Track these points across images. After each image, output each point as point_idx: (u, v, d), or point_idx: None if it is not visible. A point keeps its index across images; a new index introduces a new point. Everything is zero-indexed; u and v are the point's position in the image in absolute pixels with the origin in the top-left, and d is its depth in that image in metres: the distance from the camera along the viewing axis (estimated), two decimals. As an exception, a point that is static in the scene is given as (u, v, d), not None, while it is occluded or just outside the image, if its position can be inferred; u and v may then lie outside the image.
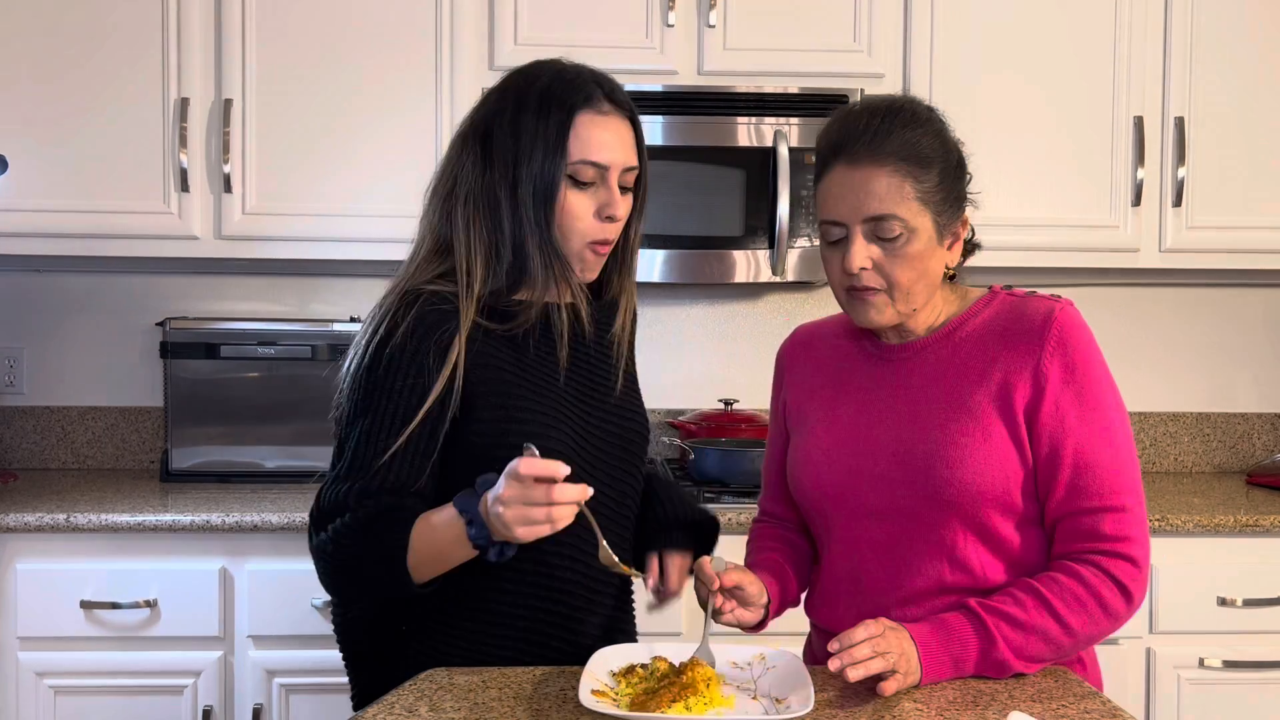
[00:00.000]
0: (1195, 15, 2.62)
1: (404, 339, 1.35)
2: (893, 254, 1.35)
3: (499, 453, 1.33)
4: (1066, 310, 1.38)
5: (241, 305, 2.90)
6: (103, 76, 2.50)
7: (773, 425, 1.61)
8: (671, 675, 1.24)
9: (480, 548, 1.26)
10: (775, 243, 2.49)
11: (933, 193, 1.35)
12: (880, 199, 1.33)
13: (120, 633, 2.24)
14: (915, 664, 1.27)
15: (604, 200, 1.39)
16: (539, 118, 1.36)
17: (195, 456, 2.64)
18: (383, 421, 1.35)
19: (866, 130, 1.35)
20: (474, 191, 1.39)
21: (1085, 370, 1.35)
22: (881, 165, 1.33)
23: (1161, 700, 2.35)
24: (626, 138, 1.41)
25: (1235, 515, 2.34)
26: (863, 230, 1.35)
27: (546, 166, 1.36)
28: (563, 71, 1.40)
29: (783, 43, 2.57)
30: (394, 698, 1.25)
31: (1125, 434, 1.37)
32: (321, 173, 2.53)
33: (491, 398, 1.37)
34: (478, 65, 2.55)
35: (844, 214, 1.36)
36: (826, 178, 1.38)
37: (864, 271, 1.36)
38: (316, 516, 1.37)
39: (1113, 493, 1.33)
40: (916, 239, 1.34)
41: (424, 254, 1.43)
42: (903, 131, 1.35)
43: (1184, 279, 2.94)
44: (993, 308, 1.43)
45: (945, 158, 1.37)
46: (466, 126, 1.44)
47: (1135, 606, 1.34)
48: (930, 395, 1.40)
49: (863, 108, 1.39)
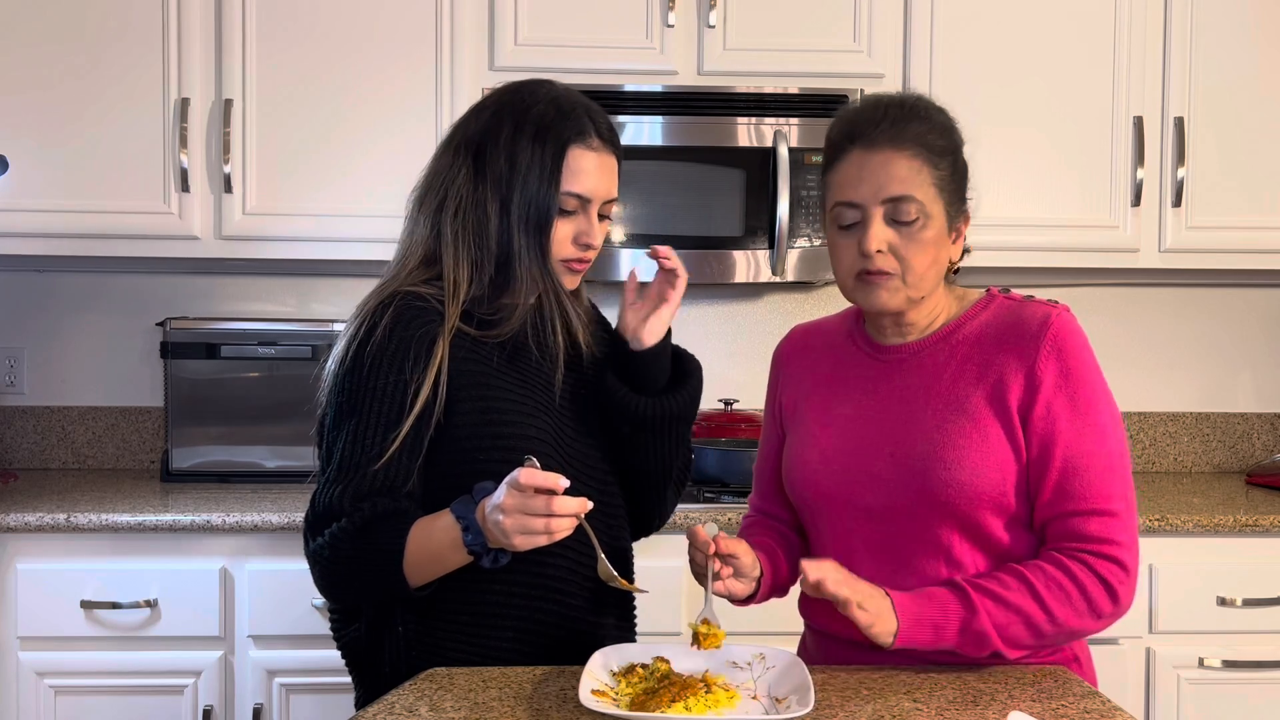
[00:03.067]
0: (1195, 15, 2.62)
1: (383, 338, 1.37)
2: (909, 237, 1.36)
3: (479, 455, 1.37)
4: (1063, 316, 1.39)
5: (241, 305, 2.90)
6: (103, 77, 2.50)
7: (767, 424, 1.61)
8: (672, 675, 1.25)
9: (475, 554, 1.29)
10: (775, 243, 2.49)
11: (946, 182, 1.37)
12: (901, 180, 1.35)
13: (120, 633, 2.24)
14: (889, 616, 1.29)
15: (583, 229, 1.44)
16: (534, 145, 1.41)
17: (195, 456, 2.64)
18: (369, 421, 1.36)
19: (886, 118, 1.37)
20: (465, 205, 1.42)
21: (1079, 375, 1.36)
22: (901, 149, 1.35)
23: (1161, 700, 2.35)
24: (612, 171, 1.46)
25: (1235, 515, 2.34)
26: (880, 212, 1.35)
27: (541, 195, 1.41)
28: (558, 100, 1.44)
29: (783, 43, 2.57)
30: (394, 697, 1.25)
31: (1118, 440, 1.37)
32: (322, 173, 2.53)
33: (473, 398, 1.39)
34: (478, 65, 2.55)
35: (863, 195, 1.36)
36: (843, 162, 1.39)
37: (879, 254, 1.36)
38: (311, 521, 1.39)
39: (1102, 497, 1.34)
40: (932, 225, 1.36)
41: (413, 264, 1.45)
42: (921, 122, 1.37)
43: (1183, 279, 2.94)
44: (990, 310, 1.43)
45: (955, 154, 1.40)
46: (458, 138, 1.46)
47: (1122, 610, 1.34)
48: (927, 396, 1.40)
49: (877, 100, 1.42)
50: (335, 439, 1.39)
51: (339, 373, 1.40)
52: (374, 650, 1.44)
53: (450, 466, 1.39)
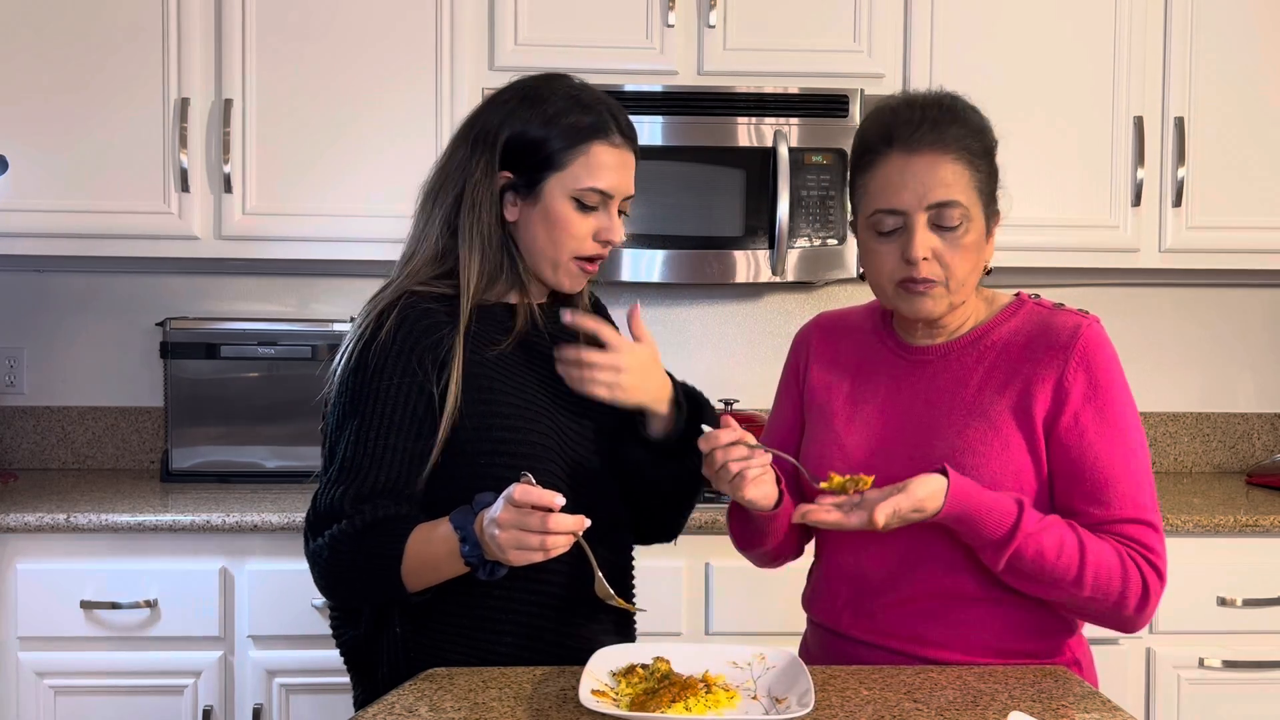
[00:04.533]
0: (1195, 15, 2.62)
1: (389, 339, 1.37)
2: (954, 243, 1.34)
3: (480, 460, 1.37)
4: (1093, 327, 1.38)
5: (241, 305, 2.90)
6: (103, 77, 2.50)
7: (784, 399, 1.56)
8: (672, 675, 1.24)
9: (471, 565, 1.29)
10: (775, 243, 2.49)
11: (985, 183, 1.36)
12: (947, 185, 1.32)
13: (120, 633, 2.24)
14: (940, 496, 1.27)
15: (604, 224, 1.43)
16: (553, 140, 1.39)
17: (195, 456, 2.64)
18: (372, 423, 1.36)
19: (925, 119, 1.34)
20: (480, 200, 1.41)
21: (1108, 388, 1.35)
22: (945, 151, 1.33)
23: (1161, 700, 2.35)
24: (631, 168, 1.46)
25: (1235, 515, 2.34)
26: (925, 218, 1.33)
27: (553, 188, 1.40)
28: (578, 96, 1.42)
29: (783, 43, 2.57)
30: (394, 698, 1.25)
31: (1145, 457, 1.36)
32: (321, 173, 2.53)
33: (475, 401, 1.38)
34: (478, 65, 2.55)
35: (906, 201, 1.33)
36: (881, 166, 1.35)
37: (925, 262, 1.33)
38: (312, 520, 1.39)
39: (1139, 507, 1.33)
40: (974, 228, 1.35)
41: (423, 260, 1.44)
42: (961, 123, 1.35)
43: (1184, 279, 2.94)
44: (1020, 317, 1.42)
45: (990, 155, 1.38)
46: (474, 130, 1.44)
47: (1143, 619, 1.34)
48: (951, 401, 1.39)
49: (912, 100, 1.39)
50: (338, 439, 1.39)
51: (344, 372, 1.40)
52: (373, 651, 1.44)
53: (453, 470, 1.38)
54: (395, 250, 1.51)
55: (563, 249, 1.42)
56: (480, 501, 1.30)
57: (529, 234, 1.43)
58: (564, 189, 1.40)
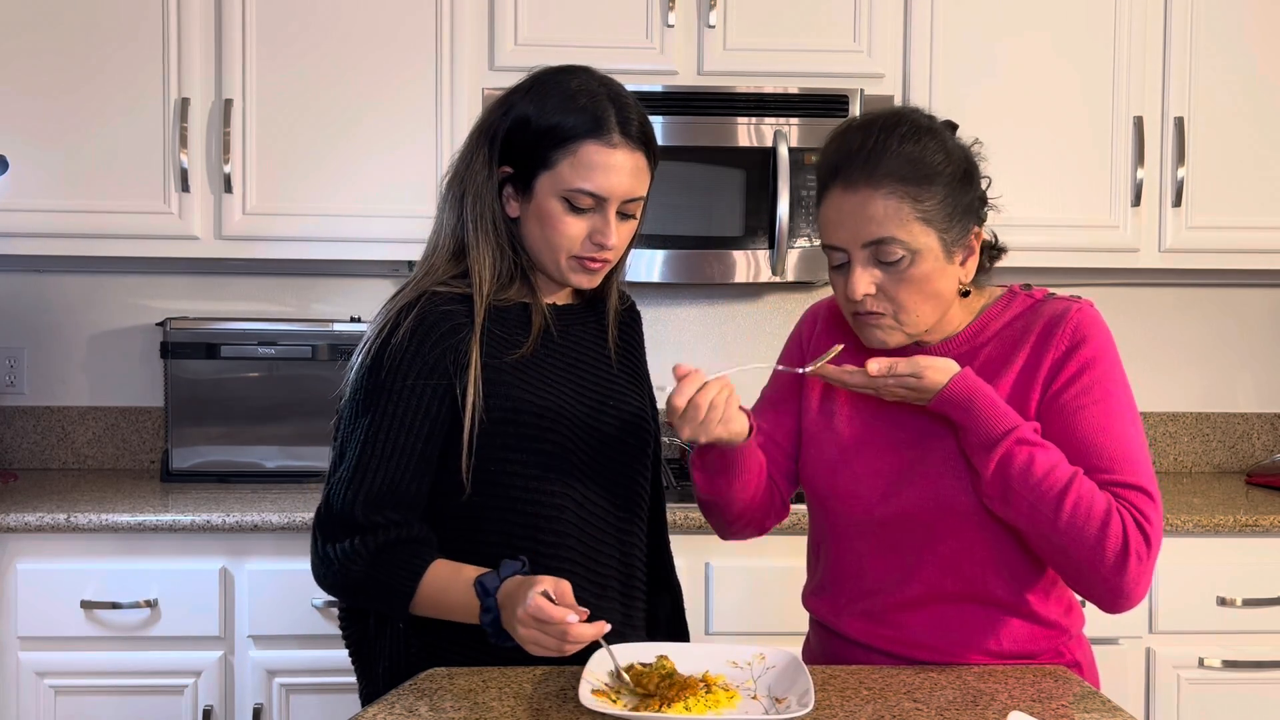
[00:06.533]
0: (1195, 15, 2.62)
1: (405, 340, 1.36)
2: (897, 277, 1.31)
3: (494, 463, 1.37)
4: (1085, 309, 1.37)
5: (241, 305, 2.90)
6: (103, 77, 2.50)
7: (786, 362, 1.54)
8: (673, 675, 1.24)
9: (489, 632, 1.29)
10: (775, 243, 2.49)
11: (936, 210, 1.31)
12: (878, 223, 1.30)
13: (120, 633, 2.24)
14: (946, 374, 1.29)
15: (597, 227, 1.40)
16: (541, 139, 1.38)
17: (195, 456, 2.64)
18: (385, 423, 1.36)
19: (861, 150, 1.31)
20: (481, 195, 1.41)
21: (1101, 361, 1.33)
22: (877, 188, 1.30)
23: (1161, 700, 2.35)
24: (632, 168, 1.40)
25: (1235, 515, 2.35)
26: (863, 256, 1.32)
27: (544, 186, 1.38)
28: (577, 93, 1.39)
29: (783, 43, 2.57)
30: (394, 698, 1.25)
31: (1140, 430, 1.33)
32: (322, 173, 2.53)
33: (494, 402, 1.38)
34: (478, 65, 2.55)
35: (843, 239, 1.33)
36: (825, 202, 1.35)
37: (868, 297, 1.33)
38: (323, 518, 1.38)
39: (1135, 474, 1.29)
40: (921, 260, 1.31)
41: (444, 256, 1.44)
42: (900, 148, 1.30)
43: (1184, 279, 2.94)
44: (1011, 310, 1.41)
45: (950, 170, 1.33)
46: (483, 124, 1.44)
47: (1126, 583, 1.26)
48: None
49: (859, 124, 1.36)
50: (351, 435, 1.38)
51: (360, 370, 1.39)
52: (377, 649, 1.44)
53: (474, 472, 1.38)
54: (395, 250, 1.52)
55: (557, 249, 1.40)
56: (508, 568, 1.29)
57: (528, 231, 1.43)
58: (554, 188, 1.38)
